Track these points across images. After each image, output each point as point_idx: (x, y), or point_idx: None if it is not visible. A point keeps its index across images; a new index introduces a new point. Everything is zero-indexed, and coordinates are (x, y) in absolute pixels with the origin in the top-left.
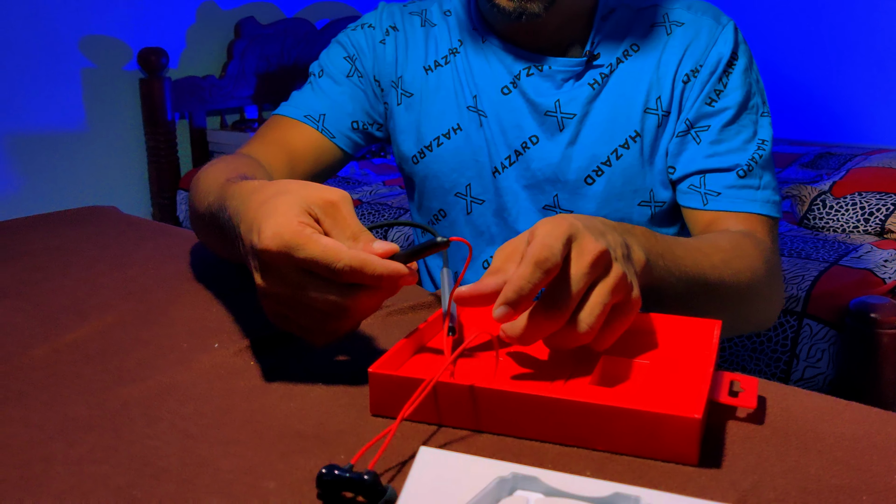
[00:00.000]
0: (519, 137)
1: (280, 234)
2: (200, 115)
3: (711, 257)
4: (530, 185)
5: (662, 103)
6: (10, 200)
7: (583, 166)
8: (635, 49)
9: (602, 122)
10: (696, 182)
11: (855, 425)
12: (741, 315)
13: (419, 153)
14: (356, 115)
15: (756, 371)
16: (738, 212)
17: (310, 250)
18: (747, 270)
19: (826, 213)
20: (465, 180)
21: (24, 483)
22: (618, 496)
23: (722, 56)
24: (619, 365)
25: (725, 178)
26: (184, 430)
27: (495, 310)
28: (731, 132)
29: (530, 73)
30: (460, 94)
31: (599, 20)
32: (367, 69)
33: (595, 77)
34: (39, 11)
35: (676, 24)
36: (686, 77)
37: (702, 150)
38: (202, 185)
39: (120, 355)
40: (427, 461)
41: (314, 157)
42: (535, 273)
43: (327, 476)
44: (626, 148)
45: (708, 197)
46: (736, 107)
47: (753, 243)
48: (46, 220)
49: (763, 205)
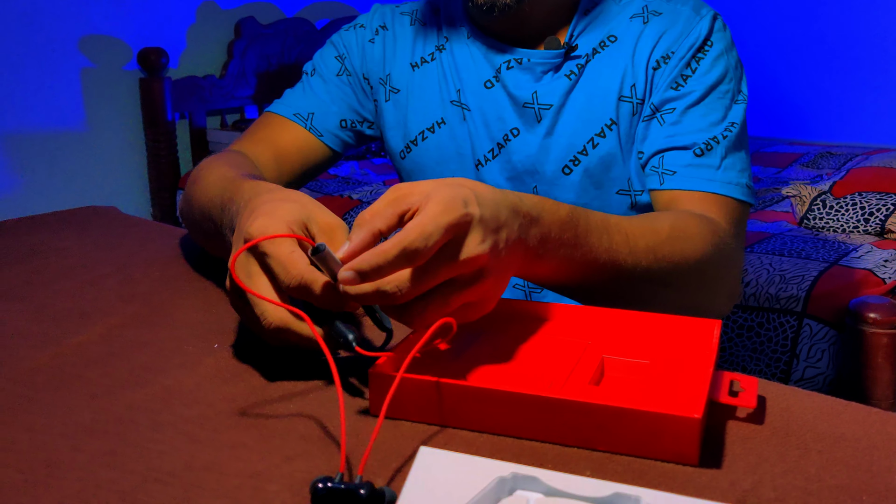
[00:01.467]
0: (501, 130)
1: (266, 229)
2: (201, 114)
3: (634, 242)
4: (512, 177)
5: (637, 91)
6: (9, 200)
7: (560, 157)
8: (612, 40)
9: (578, 112)
10: (655, 163)
11: (855, 425)
12: (674, 302)
13: (406, 148)
14: (344, 113)
15: (756, 371)
16: (695, 191)
17: (276, 250)
18: (679, 255)
19: (826, 213)
20: (449, 173)
21: (28, 488)
22: (618, 496)
23: (694, 43)
24: (619, 365)
25: (682, 156)
26: (189, 434)
27: (343, 271)
28: (695, 114)
29: (510, 66)
30: (444, 88)
31: (581, 13)
32: (355, 68)
33: (572, 68)
34: (39, 11)
35: (654, 14)
36: (656, 63)
37: (663, 130)
38: (207, 178)
39: (124, 359)
40: (427, 461)
41: (302, 154)
42: (399, 260)
43: (322, 491)
44: (602, 137)
45: (665, 176)
46: (704, 89)
47: (700, 225)
48: (46, 220)
49: (723, 185)
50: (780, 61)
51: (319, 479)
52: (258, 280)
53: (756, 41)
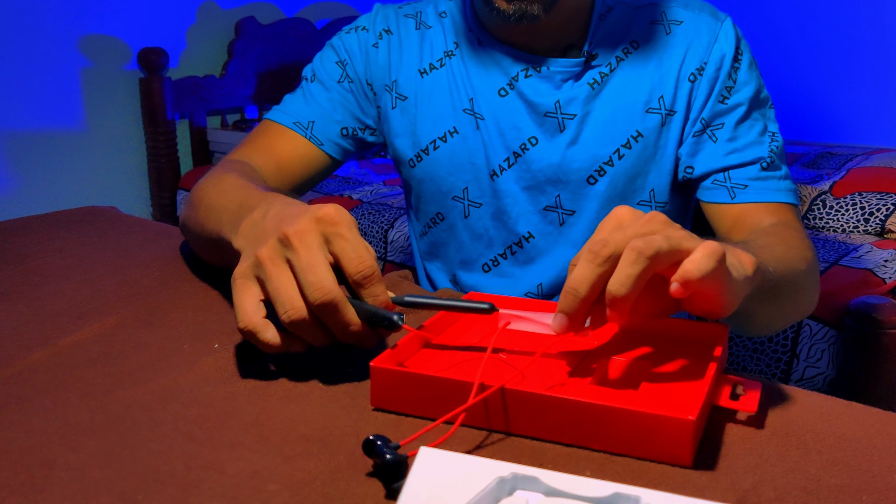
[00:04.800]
0: (517, 139)
1: (342, 210)
2: (201, 114)
3: (774, 250)
4: (530, 186)
5: (665, 102)
6: (8, 200)
7: (585, 166)
8: (635, 46)
9: (603, 122)
10: (720, 178)
11: (855, 425)
12: (798, 303)
13: (416, 157)
14: (346, 121)
15: (757, 371)
16: (767, 202)
17: (355, 234)
18: (801, 260)
19: (826, 213)
20: (462, 184)
21: (25, 488)
22: (618, 496)
23: (725, 53)
24: (622, 366)
25: (749, 171)
26: (187, 434)
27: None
28: (746, 127)
29: (528, 74)
30: (456, 96)
31: (597, 20)
32: (358, 74)
33: (594, 77)
34: (39, 11)
35: (675, 23)
36: (692, 76)
37: (720, 147)
38: (222, 183)
39: (122, 358)
40: (427, 461)
41: (303, 164)
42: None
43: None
44: (628, 148)
45: (735, 190)
46: (747, 102)
47: (794, 232)
48: (45, 220)
49: (787, 193)
50: (781, 61)
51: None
52: (319, 253)
53: (757, 41)
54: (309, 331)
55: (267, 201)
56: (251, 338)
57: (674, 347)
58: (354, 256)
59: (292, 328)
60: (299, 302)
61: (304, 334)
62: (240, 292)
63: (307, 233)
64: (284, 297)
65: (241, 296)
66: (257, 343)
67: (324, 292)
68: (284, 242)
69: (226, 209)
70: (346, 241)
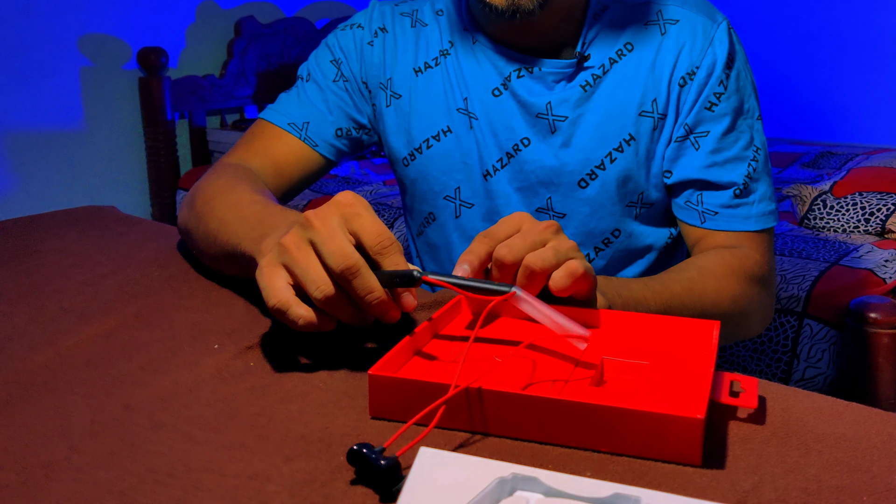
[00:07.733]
0: (511, 139)
1: (358, 195)
2: (200, 114)
3: (672, 287)
4: (523, 187)
5: (658, 106)
6: (8, 200)
7: (576, 169)
8: (629, 48)
9: (595, 125)
10: (693, 199)
11: (855, 425)
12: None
13: (409, 155)
14: (340, 121)
15: (757, 371)
16: (732, 231)
17: (370, 213)
18: (727, 296)
19: (826, 213)
20: (454, 183)
21: (25, 489)
22: (618, 497)
23: (718, 58)
24: (619, 366)
25: (721, 196)
26: (188, 435)
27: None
28: (731, 139)
29: (521, 74)
30: (450, 96)
31: (591, 18)
32: (353, 72)
33: (587, 78)
34: (38, 10)
35: (671, 23)
36: (682, 80)
37: (700, 158)
38: (230, 199)
39: (122, 359)
40: (427, 461)
41: (299, 166)
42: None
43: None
44: (620, 151)
45: (706, 216)
46: (733, 112)
47: (741, 262)
48: (45, 220)
49: (758, 220)
50: (781, 61)
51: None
52: (337, 227)
53: (756, 41)
54: (339, 307)
55: (288, 221)
56: (281, 316)
57: (666, 345)
58: (373, 230)
59: (323, 305)
60: (328, 278)
61: (334, 311)
62: (267, 276)
63: (327, 215)
64: (313, 274)
65: (268, 278)
66: (287, 321)
67: (345, 257)
68: (305, 226)
69: (243, 224)
70: (363, 218)
